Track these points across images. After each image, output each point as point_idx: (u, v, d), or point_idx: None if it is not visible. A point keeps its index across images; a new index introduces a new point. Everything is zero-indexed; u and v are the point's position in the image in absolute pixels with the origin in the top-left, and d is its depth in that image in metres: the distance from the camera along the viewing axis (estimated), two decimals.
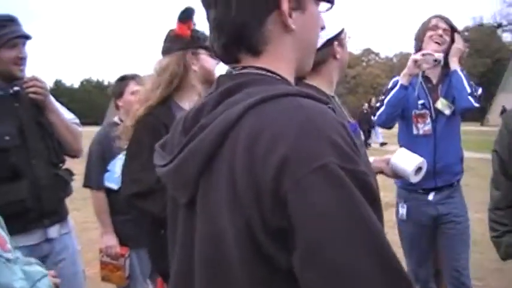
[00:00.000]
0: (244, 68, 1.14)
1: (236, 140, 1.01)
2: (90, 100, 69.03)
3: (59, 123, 2.90)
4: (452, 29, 3.49)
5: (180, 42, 2.54)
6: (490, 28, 36.41)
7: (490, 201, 2.75)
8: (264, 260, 0.99)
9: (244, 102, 1.03)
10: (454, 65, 3.41)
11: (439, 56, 3.38)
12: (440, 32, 3.45)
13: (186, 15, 2.50)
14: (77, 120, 3.16)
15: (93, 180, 3.54)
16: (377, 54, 66.77)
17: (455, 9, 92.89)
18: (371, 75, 60.20)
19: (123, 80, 3.74)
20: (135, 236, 3.35)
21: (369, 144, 20.39)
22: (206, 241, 1.07)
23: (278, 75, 1.14)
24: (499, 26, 32.94)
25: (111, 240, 3.51)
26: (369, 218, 0.94)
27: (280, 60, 1.15)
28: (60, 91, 67.01)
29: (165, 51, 2.59)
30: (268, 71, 1.13)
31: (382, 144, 20.95)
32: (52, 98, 2.91)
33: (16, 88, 2.76)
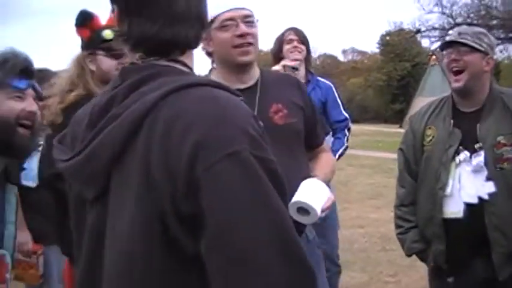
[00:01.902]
0: (154, 59, 1.16)
1: (152, 127, 1.03)
2: None
3: None
4: (304, 40, 4.01)
5: (81, 43, 2.63)
6: (409, 33, 37.70)
7: (396, 198, 2.88)
8: (171, 249, 1.01)
9: (159, 90, 1.06)
10: None
11: (296, 63, 3.85)
12: (295, 43, 3.95)
13: (80, 22, 2.59)
14: None
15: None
16: None
17: (377, 14, 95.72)
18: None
19: None
20: (49, 233, 3.26)
21: None
22: (116, 235, 1.07)
23: (185, 65, 1.17)
24: (418, 31, 34.20)
25: (24, 237, 3.33)
26: (276, 205, 0.99)
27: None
28: None
29: None
30: (175, 61, 1.16)
31: None
32: None
33: None
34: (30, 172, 3.35)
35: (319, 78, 4.13)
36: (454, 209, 2.59)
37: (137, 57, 1.16)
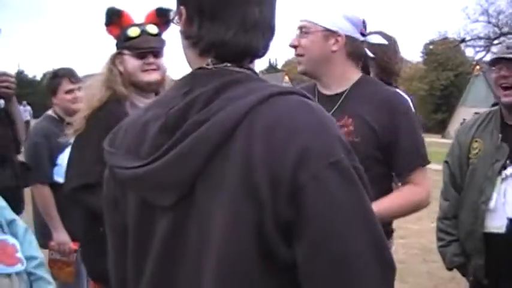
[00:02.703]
0: (227, 66, 1.14)
1: (249, 133, 1.03)
2: None
3: (17, 112, 3.01)
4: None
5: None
6: (453, 42, 37.06)
7: (439, 211, 2.86)
8: (265, 258, 1.02)
9: (251, 96, 1.05)
10: None
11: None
12: None
13: (108, 20, 2.50)
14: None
15: (40, 174, 3.39)
16: None
17: (420, 22, 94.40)
18: None
19: (55, 77, 3.59)
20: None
21: None
22: (206, 242, 1.05)
23: (255, 73, 1.18)
24: (463, 40, 33.65)
25: (63, 237, 3.37)
26: (372, 212, 1.03)
27: None
28: (23, 83, 64.91)
29: None
30: (247, 69, 1.16)
31: None
32: None
33: None
34: (62, 168, 3.33)
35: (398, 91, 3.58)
36: (497, 223, 2.57)
37: (209, 62, 1.14)
